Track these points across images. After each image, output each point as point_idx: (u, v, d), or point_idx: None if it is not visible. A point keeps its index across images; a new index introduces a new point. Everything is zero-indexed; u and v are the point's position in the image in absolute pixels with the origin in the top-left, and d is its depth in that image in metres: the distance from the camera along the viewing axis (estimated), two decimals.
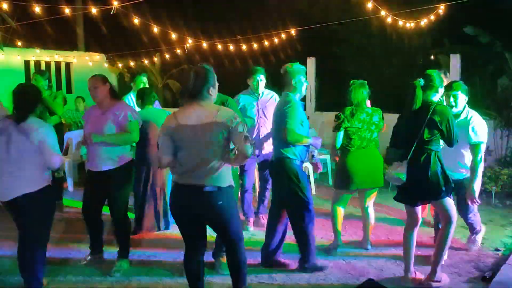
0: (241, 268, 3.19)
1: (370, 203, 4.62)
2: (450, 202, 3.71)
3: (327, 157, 7.31)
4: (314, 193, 6.84)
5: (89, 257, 4.28)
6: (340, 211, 4.58)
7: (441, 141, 3.65)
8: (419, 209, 3.86)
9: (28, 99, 3.50)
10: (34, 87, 3.77)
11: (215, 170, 2.95)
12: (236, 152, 2.95)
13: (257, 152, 5.10)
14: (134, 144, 4.33)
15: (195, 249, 3.20)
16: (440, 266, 3.78)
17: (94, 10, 7.26)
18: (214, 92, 3.06)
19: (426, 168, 3.56)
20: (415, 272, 3.86)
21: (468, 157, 4.18)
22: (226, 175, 3.02)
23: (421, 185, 3.61)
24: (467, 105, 4.22)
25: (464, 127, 4.06)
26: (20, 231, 3.54)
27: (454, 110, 4.13)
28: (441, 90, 3.74)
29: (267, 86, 5.27)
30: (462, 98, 4.16)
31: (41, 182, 3.45)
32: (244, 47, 10.16)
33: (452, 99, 4.14)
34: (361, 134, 4.37)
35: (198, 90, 2.97)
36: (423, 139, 3.56)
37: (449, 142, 3.59)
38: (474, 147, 4.06)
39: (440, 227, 3.95)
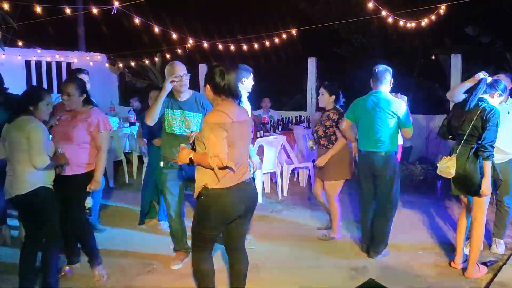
0: (246, 270, 3.26)
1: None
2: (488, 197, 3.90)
3: None
4: None
5: (67, 267, 4.06)
6: None
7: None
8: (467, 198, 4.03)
9: (24, 98, 3.46)
10: (37, 89, 3.73)
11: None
12: None
13: None
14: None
15: (212, 249, 3.21)
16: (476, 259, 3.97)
17: (95, 10, 7.27)
18: None
19: (475, 161, 3.78)
20: (467, 256, 4.03)
21: None
22: None
23: (470, 178, 3.81)
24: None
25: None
26: (25, 230, 3.56)
27: None
28: (501, 97, 3.95)
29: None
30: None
31: (35, 183, 3.36)
32: (245, 47, 10.16)
33: None
34: None
35: (237, 88, 3.07)
36: (471, 134, 3.78)
37: (482, 142, 3.74)
38: None
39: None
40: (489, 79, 3.90)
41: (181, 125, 3.98)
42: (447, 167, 3.83)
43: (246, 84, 4.55)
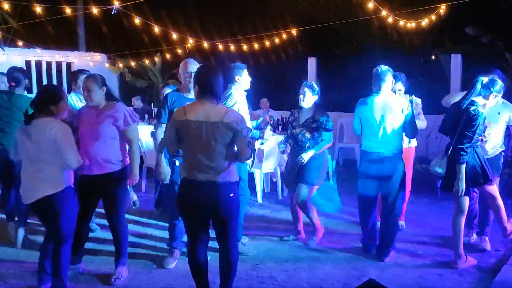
0: (233, 269, 3.28)
1: None
2: (492, 189, 4.16)
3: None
4: None
5: (80, 264, 4.05)
6: None
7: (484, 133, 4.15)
8: (466, 198, 4.08)
9: (44, 98, 3.43)
10: (55, 88, 3.72)
11: (223, 167, 3.08)
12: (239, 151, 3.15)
13: None
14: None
15: (199, 242, 3.27)
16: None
17: (95, 10, 7.28)
18: (224, 91, 3.35)
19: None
20: (465, 256, 4.14)
21: None
22: (234, 171, 3.18)
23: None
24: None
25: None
26: (47, 230, 3.57)
27: None
28: (497, 97, 4.06)
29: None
30: None
31: (61, 183, 3.37)
32: (245, 47, 10.17)
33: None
34: None
35: (213, 87, 3.06)
36: (459, 136, 3.90)
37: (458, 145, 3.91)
38: None
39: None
40: (485, 80, 3.93)
41: None
42: (439, 167, 3.99)
43: (241, 81, 4.44)
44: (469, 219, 4.64)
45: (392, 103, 4.29)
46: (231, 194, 3.14)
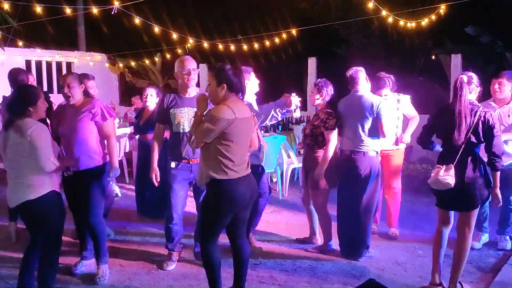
0: (248, 261, 3.47)
1: None
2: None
3: None
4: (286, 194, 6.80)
5: (80, 263, 4.10)
6: None
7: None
8: (451, 212, 3.72)
9: (21, 100, 3.33)
10: (31, 87, 3.65)
11: None
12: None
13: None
14: None
15: (218, 238, 3.34)
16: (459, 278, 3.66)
17: (95, 10, 7.28)
18: None
19: (474, 171, 3.46)
20: (439, 277, 3.73)
21: None
22: None
23: (468, 190, 3.48)
24: None
25: None
26: (31, 235, 3.51)
27: (498, 96, 4.48)
28: (478, 91, 3.68)
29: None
30: (508, 86, 4.43)
31: (43, 187, 3.29)
32: (245, 47, 10.16)
33: (497, 86, 4.46)
34: None
35: (242, 86, 3.22)
36: (470, 142, 3.45)
37: (489, 146, 3.48)
38: None
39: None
40: (465, 78, 3.51)
41: (190, 122, 3.87)
42: (447, 177, 3.43)
43: (250, 84, 4.42)
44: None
45: (364, 102, 4.27)
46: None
